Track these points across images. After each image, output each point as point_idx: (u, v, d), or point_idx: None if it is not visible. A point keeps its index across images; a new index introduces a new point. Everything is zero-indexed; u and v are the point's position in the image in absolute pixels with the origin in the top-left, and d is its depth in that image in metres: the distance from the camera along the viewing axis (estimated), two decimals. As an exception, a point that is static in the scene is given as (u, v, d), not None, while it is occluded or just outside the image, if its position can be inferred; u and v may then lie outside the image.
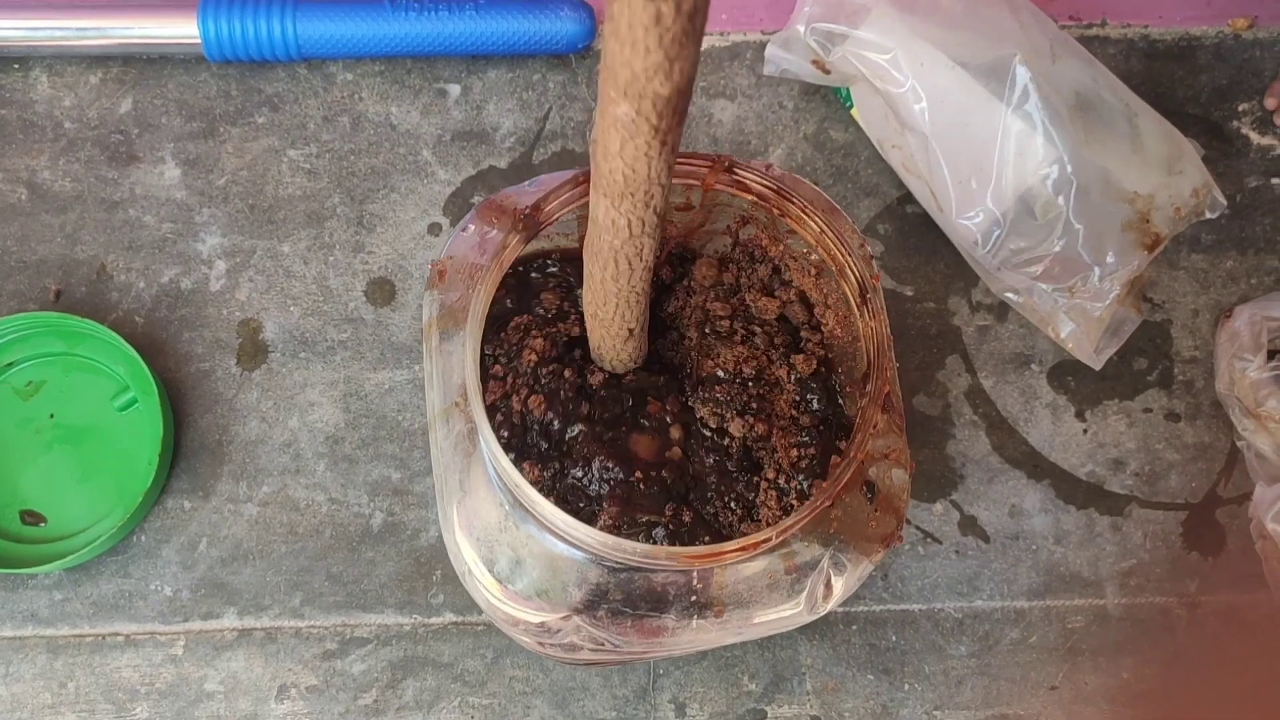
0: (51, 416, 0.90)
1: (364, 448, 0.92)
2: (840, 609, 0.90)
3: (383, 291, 0.95)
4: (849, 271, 0.57)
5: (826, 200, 0.61)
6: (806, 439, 0.59)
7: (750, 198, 0.60)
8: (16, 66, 0.98)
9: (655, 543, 0.56)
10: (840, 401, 0.63)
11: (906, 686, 0.90)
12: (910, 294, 0.97)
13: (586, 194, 0.57)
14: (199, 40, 0.95)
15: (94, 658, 0.87)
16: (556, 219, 0.58)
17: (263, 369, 0.93)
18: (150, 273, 0.94)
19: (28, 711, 0.86)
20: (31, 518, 0.88)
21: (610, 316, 0.59)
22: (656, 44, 0.41)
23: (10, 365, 0.90)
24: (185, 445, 0.91)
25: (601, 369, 0.66)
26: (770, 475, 0.58)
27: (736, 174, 0.59)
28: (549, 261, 0.67)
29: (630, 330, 0.61)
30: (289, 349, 0.93)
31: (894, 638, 0.91)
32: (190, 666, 0.87)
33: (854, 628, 0.90)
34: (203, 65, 0.99)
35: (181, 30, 0.95)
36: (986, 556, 0.92)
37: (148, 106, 0.98)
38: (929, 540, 0.92)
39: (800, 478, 0.58)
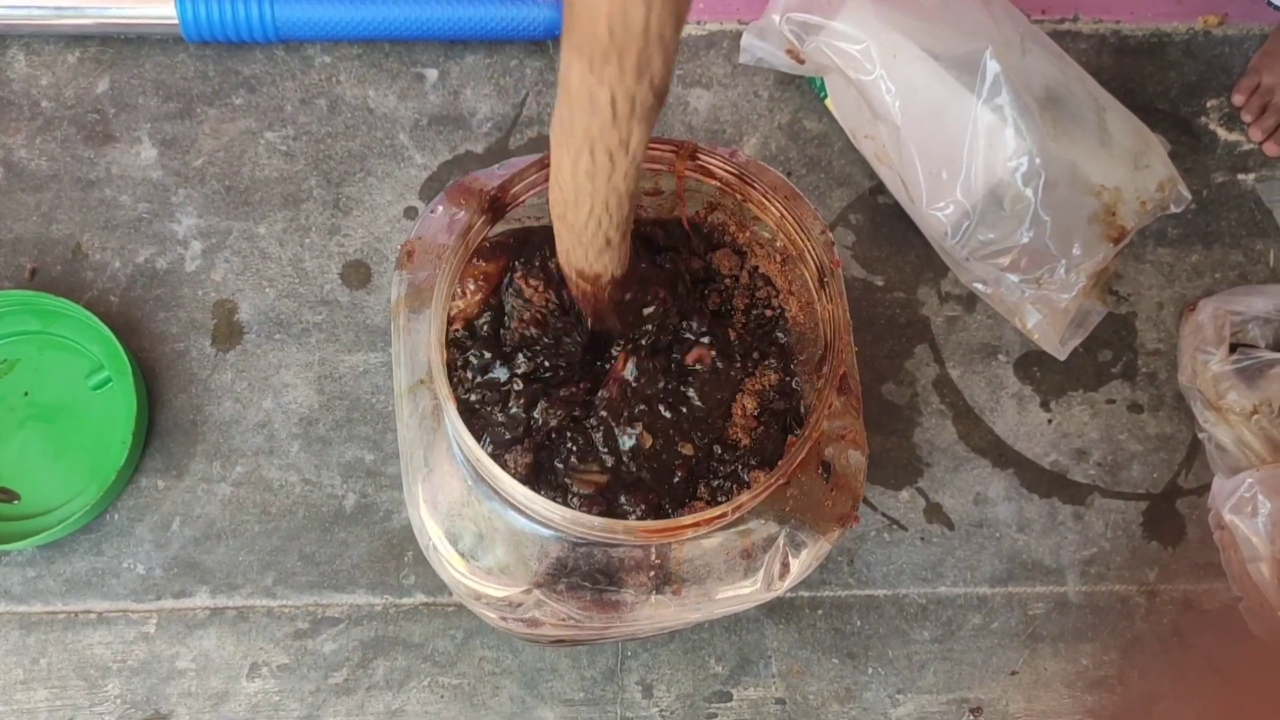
0: (26, 394, 0.91)
1: (338, 429, 0.92)
2: (806, 593, 0.91)
3: (358, 274, 0.95)
4: (808, 256, 0.58)
5: (790, 187, 0.62)
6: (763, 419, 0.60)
7: (714, 183, 0.61)
8: (-7, 44, 0.99)
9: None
10: (799, 386, 0.64)
11: (870, 670, 0.91)
12: (881, 284, 0.98)
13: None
14: (177, 21, 0.95)
15: (66, 634, 0.88)
16: (523, 201, 0.58)
17: (237, 350, 0.93)
18: (126, 252, 0.95)
19: (-1, 687, 0.87)
20: (4, 494, 0.89)
21: (582, 221, 0.47)
22: None
23: (-16, 343, 0.91)
24: (159, 424, 0.92)
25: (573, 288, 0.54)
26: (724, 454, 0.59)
27: (700, 159, 0.60)
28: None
29: (608, 240, 0.49)
30: (264, 330, 0.94)
31: (858, 622, 0.92)
32: (162, 644, 0.88)
33: (819, 612, 0.92)
34: (180, 46, 0.99)
35: (159, 10, 0.96)
36: (951, 543, 0.94)
37: (125, 86, 0.98)
38: (895, 527, 0.94)
39: (754, 459, 0.59)
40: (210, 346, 0.93)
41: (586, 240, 0.49)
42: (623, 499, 0.57)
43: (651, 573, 0.56)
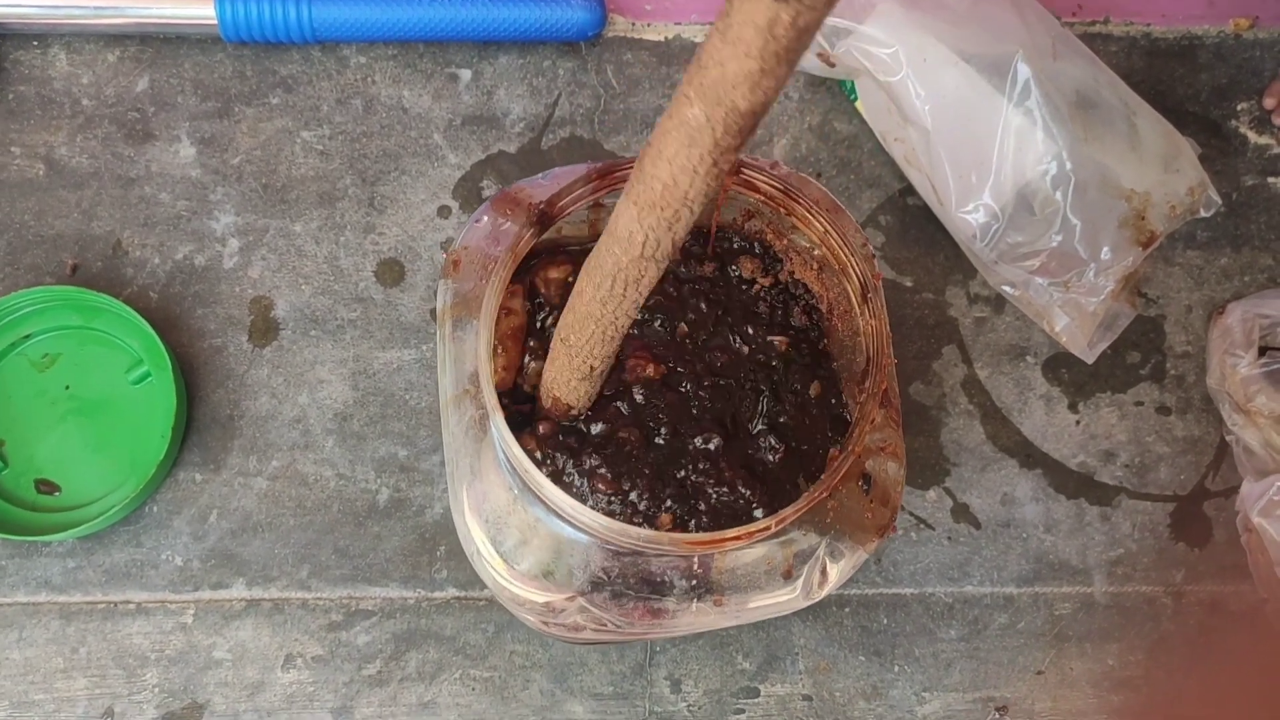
0: (67, 388, 0.92)
1: (372, 425, 0.93)
2: (834, 591, 0.92)
3: (392, 272, 0.97)
4: (851, 271, 0.59)
5: (831, 200, 0.62)
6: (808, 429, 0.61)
7: (758, 197, 0.62)
8: (35, 44, 1.00)
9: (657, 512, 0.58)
10: (840, 394, 0.66)
11: (897, 668, 0.92)
12: (909, 285, 0.99)
13: (600, 189, 0.59)
14: (215, 21, 0.97)
15: (106, 624, 0.89)
16: (570, 213, 0.59)
17: (274, 346, 0.95)
18: (165, 249, 0.96)
19: (40, 675, 0.88)
20: (46, 487, 0.90)
21: (581, 343, 0.56)
22: (759, 50, 0.39)
23: (27, 338, 0.92)
24: (197, 419, 0.93)
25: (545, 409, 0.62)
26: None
27: (745, 174, 0.61)
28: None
29: (591, 368, 0.58)
30: (300, 327, 0.95)
31: (885, 620, 0.93)
32: (199, 635, 0.89)
33: (846, 610, 0.93)
34: (219, 46, 1.00)
35: (198, 11, 0.97)
36: (978, 543, 0.94)
37: (164, 85, 0.99)
38: (922, 526, 0.94)
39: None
40: (247, 342, 0.95)
41: (576, 364, 0.57)
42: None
43: (694, 582, 0.57)
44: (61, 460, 0.91)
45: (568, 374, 0.58)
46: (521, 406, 0.63)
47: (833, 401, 0.64)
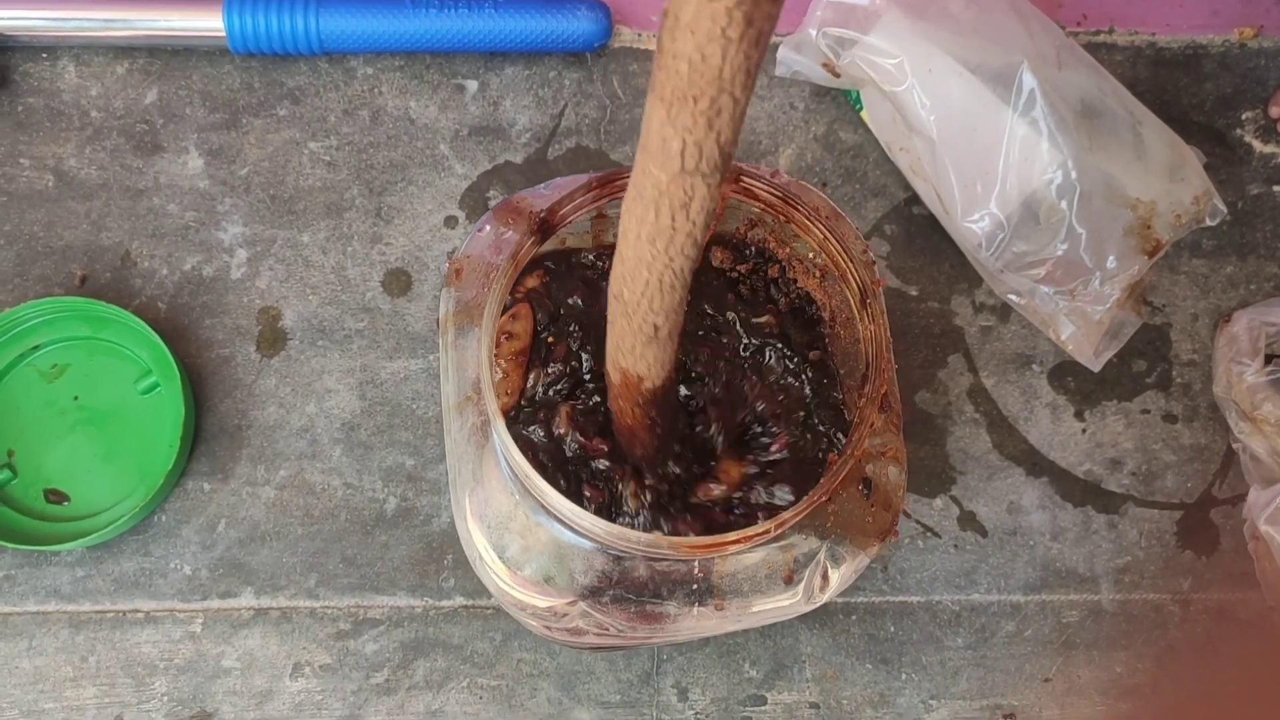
0: (76, 399, 0.93)
1: (379, 434, 0.94)
2: (840, 599, 0.92)
3: (399, 282, 0.97)
4: (850, 277, 0.59)
5: (831, 207, 0.63)
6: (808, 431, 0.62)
7: (758, 205, 0.63)
8: (44, 56, 1.01)
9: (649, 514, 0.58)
10: (841, 399, 0.66)
11: (904, 676, 0.92)
12: (915, 294, 0.99)
13: (600, 198, 0.59)
14: (223, 33, 0.97)
15: (115, 633, 0.90)
16: (571, 222, 0.60)
17: (281, 356, 0.95)
18: (173, 260, 0.96)
19: (50, 684, 0.89)
20: (55, 496, 0.91)
21: (637, 297, 0.47)
22: None
23: (36, 348, 0.93)
24: (205, 429, 0.93)
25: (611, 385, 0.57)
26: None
27: (744, 182, 0.61)
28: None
29: (656, 327, 0.49)
30: (307, 337, 0.96)
31: (892, 628, 0.93)
32: (208, 643, 0.90)
33: (853, 618, 0.93)
34: (226, 58, 1.01)
35: (207, 23, 0.98)
36: (984, 551, 0.94)
37: (172, 97, 1.00)
38: (928, 534, 0.95)
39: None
40: (255, 352, 0.95)
41: (636, 324, 0.49)
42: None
43: (695, 586, 0.58)
44: (70, 470, 0.92)
45: (630, 338, 0.50)
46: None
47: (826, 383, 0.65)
